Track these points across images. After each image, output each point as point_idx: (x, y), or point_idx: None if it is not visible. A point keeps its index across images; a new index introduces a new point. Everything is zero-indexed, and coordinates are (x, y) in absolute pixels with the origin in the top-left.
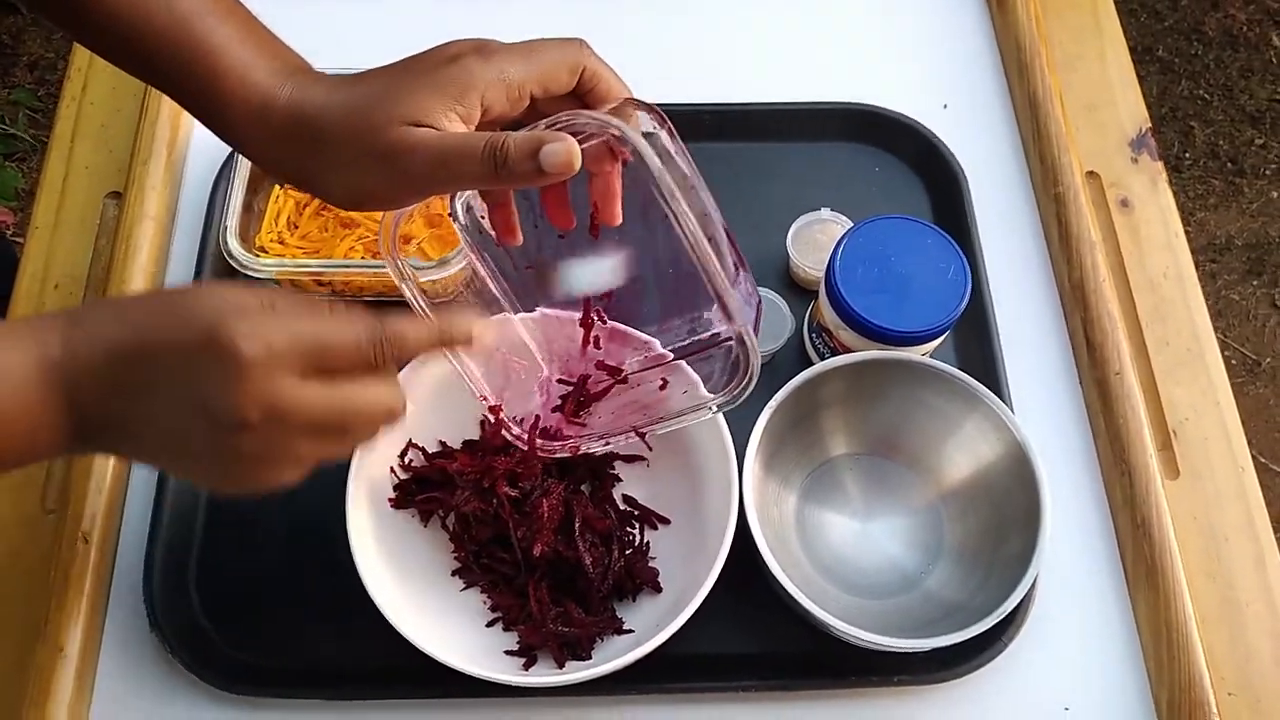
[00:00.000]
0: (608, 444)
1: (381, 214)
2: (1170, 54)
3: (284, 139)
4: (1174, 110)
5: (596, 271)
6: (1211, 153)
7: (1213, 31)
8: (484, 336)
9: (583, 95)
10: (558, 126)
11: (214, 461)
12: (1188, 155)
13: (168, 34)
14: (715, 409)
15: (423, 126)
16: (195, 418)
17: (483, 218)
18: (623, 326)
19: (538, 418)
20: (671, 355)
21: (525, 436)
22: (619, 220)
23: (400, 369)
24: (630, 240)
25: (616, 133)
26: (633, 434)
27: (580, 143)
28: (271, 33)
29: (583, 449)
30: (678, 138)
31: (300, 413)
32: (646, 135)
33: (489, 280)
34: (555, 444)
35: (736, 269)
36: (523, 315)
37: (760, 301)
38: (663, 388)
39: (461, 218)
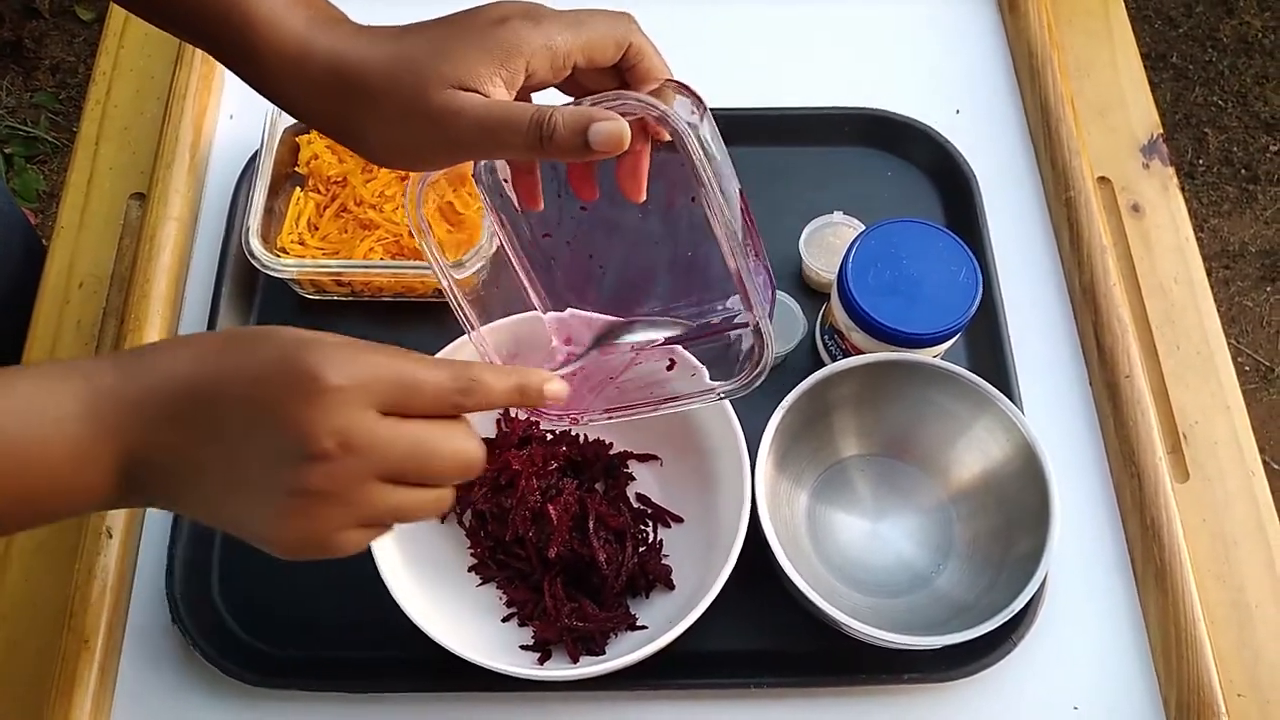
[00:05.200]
0: (610, 418)
1: (408, 180)
2: (1184, 60)
3: (322, 91)
4: (1188, 117)
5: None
6: (1225, 159)
7: (1227, 38)
8: (559, 393)
9: (624, 70)
10: (605, 105)
11: (276, 503)
12: (1201, 162)
13: None
14: (721, 395)
15: (468, 90)
16: (264, 452)
17: (505, 181)
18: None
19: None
20: (665, 339)
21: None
22: (643, 198)
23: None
24: (649, 219)
25: (663, 118)
26: (636, 411)
27: None
28: None
29: (584, 420)
30: (714, 124)
31: (377, 449)
32: (690, 125)
33: (505, 244)
34: (554, 413)
35: (755, 258)
36: (550, 313)
37: (775, 292)
38: (670, 368)
39: (484, 178)
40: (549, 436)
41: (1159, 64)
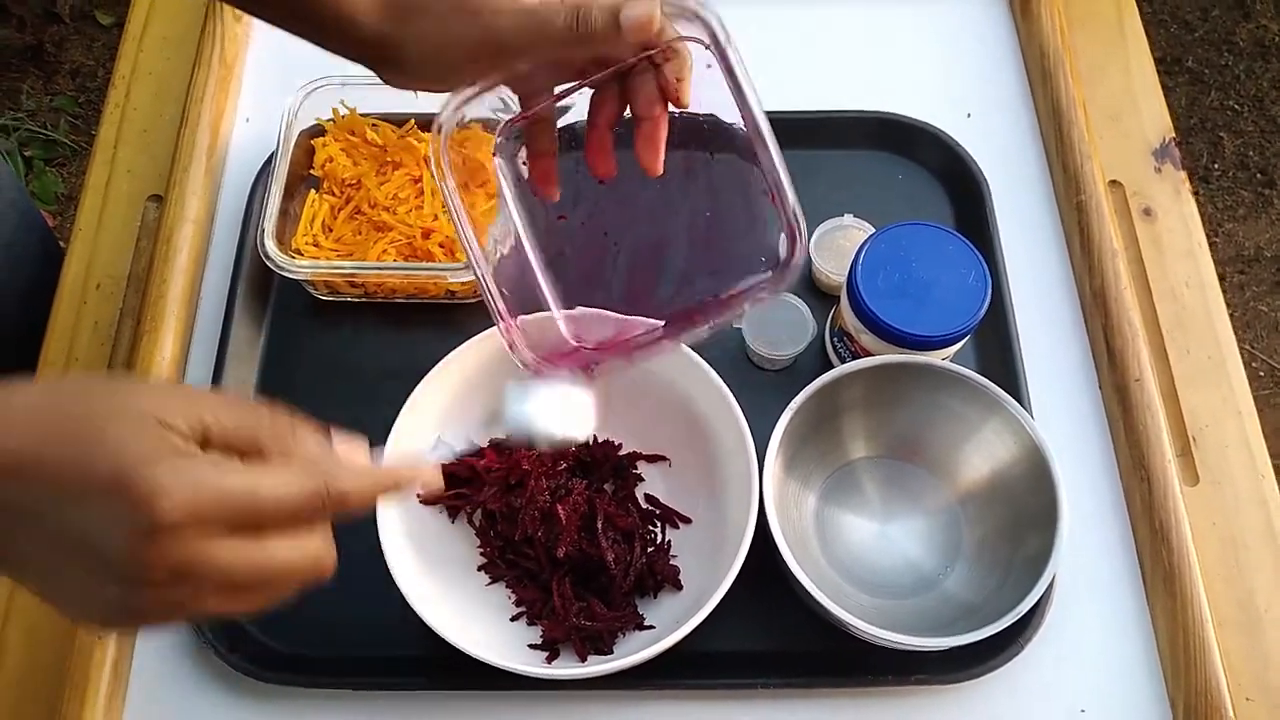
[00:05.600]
0: (631, 360)
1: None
2: (1200, 64)
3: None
4: (1203, 121)
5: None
6: (1241, 164)
7: (1244, 42)
8: (432, 483)
9: None
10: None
11: (95, 605)
12: (1216, 166)
13: None
14: (750, 302)
15: None
16: (84, 560)
17: (523, 164)
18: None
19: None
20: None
21: (533, 359)
22: (660, 170)
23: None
24: (667, 187)
25: (698, 12)
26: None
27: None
28: None
29: (602, 371)
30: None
31: (214, 575)
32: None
33: (519, 225)
34: (564, 365)
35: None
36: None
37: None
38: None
39: (505, 149)
40: None
41: (1174, 68)
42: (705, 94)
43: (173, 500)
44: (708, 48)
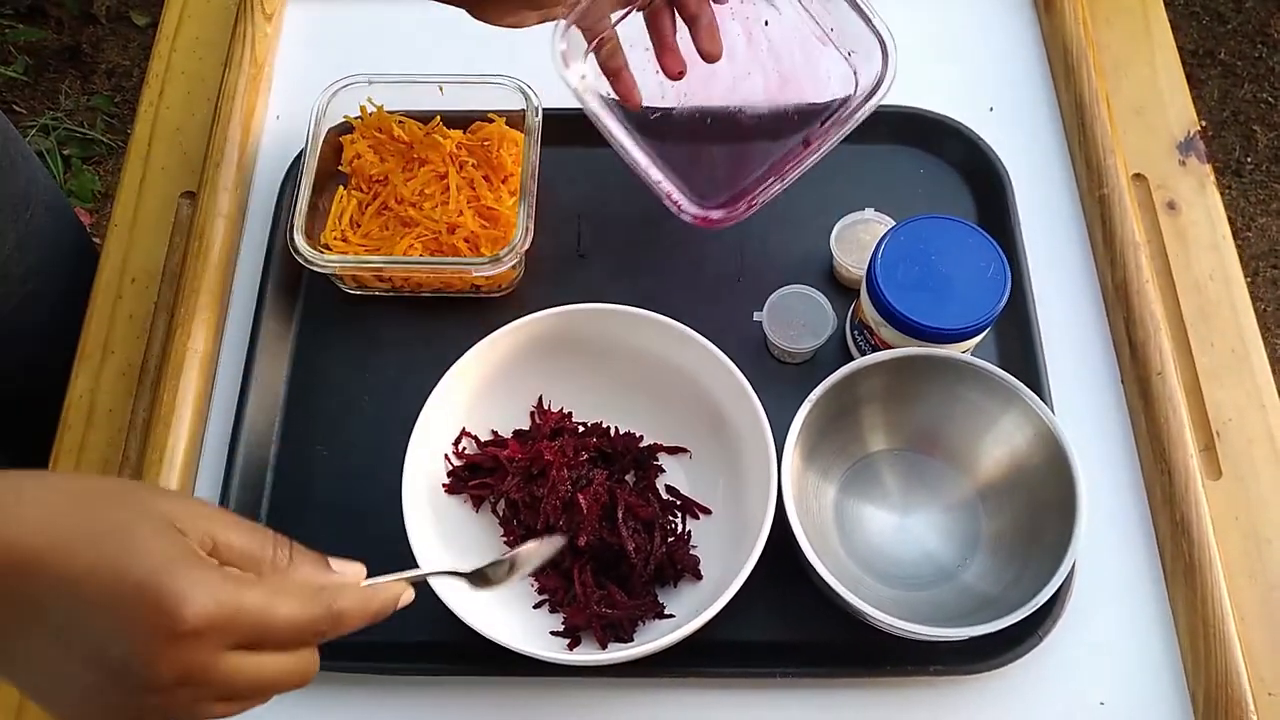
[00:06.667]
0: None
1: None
2: (1233, 57)
3: None
4: (1236, 114)
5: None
6: (1274, 157)
7: (1278, 34)
8: (406, 599)
9: None
10: None
11: (93, 707)
12: (1249, 160)
13: None
14: (858, 104)
15: None
16: (91, 664)
17: (607, 93)
18: None
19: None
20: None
21: (696, 214)
22: (721, 53)
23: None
24: (735, 62)
25: None
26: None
27: None
28: None
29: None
30: None
31: (215, 685)
32: None
33: (620, 137)
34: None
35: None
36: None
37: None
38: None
39: (584, 93)
40: (580, 429)
41: (1207, 60)
42: None
43: (196, 609)
44: None
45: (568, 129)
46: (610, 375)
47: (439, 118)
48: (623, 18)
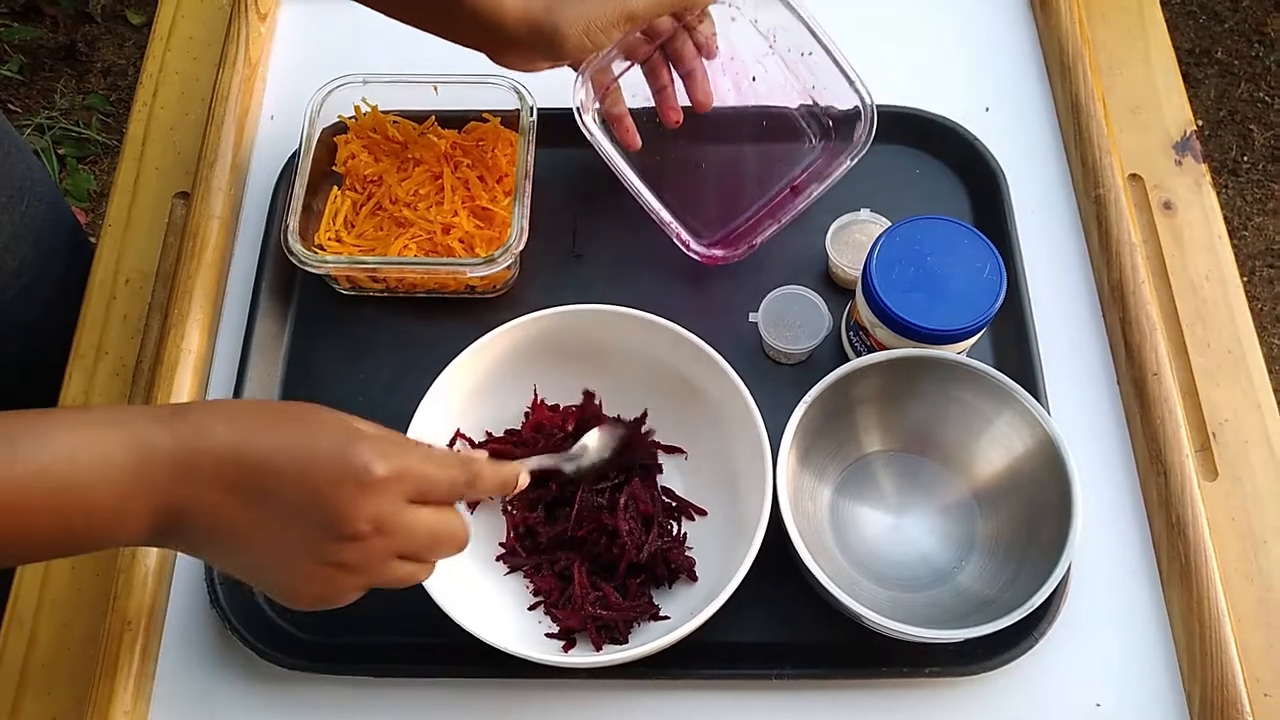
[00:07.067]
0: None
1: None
2: (1230, 56)
3: None
4: (1232, 113)
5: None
6: (1271, 156)
7: (1274, 33)
8: (524, 482)
9: None
10: None
11: (307, 569)
12: (1246, 159)
13: None
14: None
15: None
16: (307, 526)
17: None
18: None
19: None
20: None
21: (702, 252)
22: (711, 104)
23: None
24: (723, 121)
25: None
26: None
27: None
28: None
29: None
30: None
31: (400, 533)
32: None
33: (627, 175)
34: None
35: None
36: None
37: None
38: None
39: (601, 139)
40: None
41: (1203, 59)
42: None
43: (378, 464)
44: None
45: (562, 129)
46: (605, 376)
47: (433, 118)
48: (625, 70)
